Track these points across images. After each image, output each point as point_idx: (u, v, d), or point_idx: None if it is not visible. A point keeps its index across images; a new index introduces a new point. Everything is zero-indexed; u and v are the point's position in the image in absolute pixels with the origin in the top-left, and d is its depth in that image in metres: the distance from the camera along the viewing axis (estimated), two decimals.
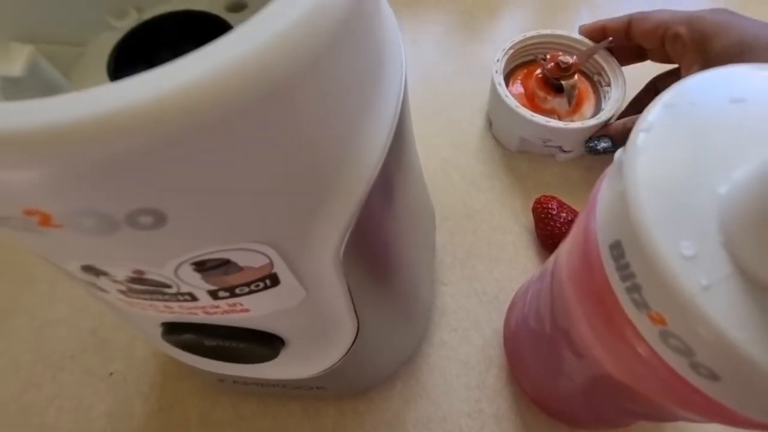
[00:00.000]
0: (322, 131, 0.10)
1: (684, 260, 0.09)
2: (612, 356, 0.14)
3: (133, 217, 0.09)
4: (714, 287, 0.09)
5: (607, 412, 0.19)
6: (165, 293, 0.12)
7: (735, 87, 0.12)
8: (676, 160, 0.11)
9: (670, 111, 0.11)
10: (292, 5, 0.08)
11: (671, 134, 0.11)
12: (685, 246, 0.09)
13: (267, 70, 0.08)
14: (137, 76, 0.07)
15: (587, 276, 0.13)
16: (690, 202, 0.10)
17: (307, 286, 0.14)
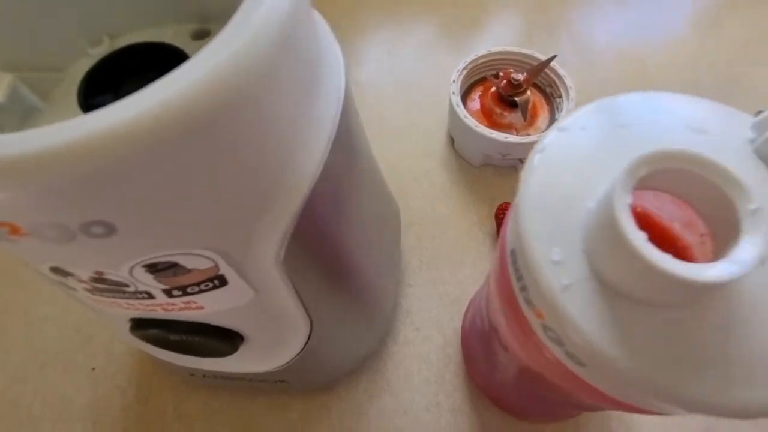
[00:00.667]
0: (257, 151, 0.12)
1: (552, 264, 0.11)
2: (522, 348, 0.15)
3: (86, 228, 0.10)
4: (573, 287, 0.11)
5: (539, 402, 0.21)
6: (125, 292, 0.14)
7: (623, 114, 0.13)
8: (560, 177, 0.12)
9: (563, 134, 0.13)
10: (226, 45, 0.10)
11: (561, 155, 0.13)
12: (555, 252, 0.11)
13: (197, 106, 0.10)
14: (86, 115, 0.09)
15: (502, 278, 0.15)
16: (564, 215, 0.12)
17: (255, 286, 0.15)
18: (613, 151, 0.13)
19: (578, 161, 0.12)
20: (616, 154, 0.12)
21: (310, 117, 0.14)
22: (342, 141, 0.16)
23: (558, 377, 0.14)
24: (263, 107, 0.11)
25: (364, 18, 0.45)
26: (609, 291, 0.11)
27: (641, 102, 0.14)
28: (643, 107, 0.14)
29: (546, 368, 0.15)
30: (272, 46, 0.11)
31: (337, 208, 0.17)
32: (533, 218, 0.12)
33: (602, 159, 0.12)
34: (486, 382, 0.25)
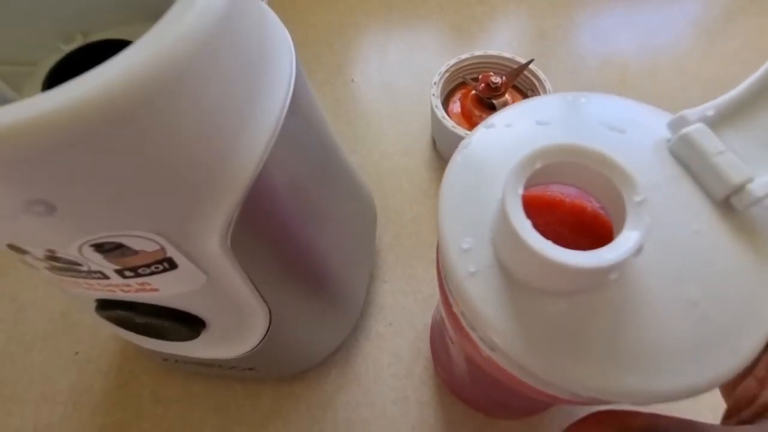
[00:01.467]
0: (190, 138, 0.13)
1: (462, 252, 0.12)
2: (457, 337, 0.16)
3: (28, 207, 0.11)
4: (478, 274, 0.11)
5: (491, 395, 0.21)
6: (80, 271, 0.15)
7: (547, 113, 0.14)
8: (478, 172, 0.13)
9: (489, 131, 0.14)
10: (150, 43, 0.11)
11: (483, 151, 0.13)
12: (466, 241, 0.12)
13: (123, 93, 0.11)
14: (21, 101, 0.10)
15: (437, 270, 0.16)
16: (478, 207, 0.12)
17: (206, 270, 0.16)
18: (529, 147, 0.13)
19: (497, 156, 0.13)
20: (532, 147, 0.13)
21: (251, 107, 0.14)
22: (292, 132, 0.17)
23: (486, 365, 0.15)
24: (196, 96, 0.12)
25: (359, 19, 0.46)
26: (509, 278, 0.11)
27: (567, 102, 0.14)
28: (569, 107, 0.14)
29: (476, 358, 0.15)
30: (205, 38, 0.12)
31: (290, 198, 0.18)
32: (450, 210, 0.12)
33: (518, 154, 0.13)
34: (448, 377, 0.26)
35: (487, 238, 0.12)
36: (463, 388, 0.25)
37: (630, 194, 0.10)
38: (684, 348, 0.10)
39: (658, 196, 0.12)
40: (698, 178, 0.12)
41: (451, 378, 0.25)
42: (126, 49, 0.11)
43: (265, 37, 0.15)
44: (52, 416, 0.27)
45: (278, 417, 0.27)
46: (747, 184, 0.11)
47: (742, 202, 0.11)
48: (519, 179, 0.10)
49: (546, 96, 0.15)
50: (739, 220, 0.11)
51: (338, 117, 0.39)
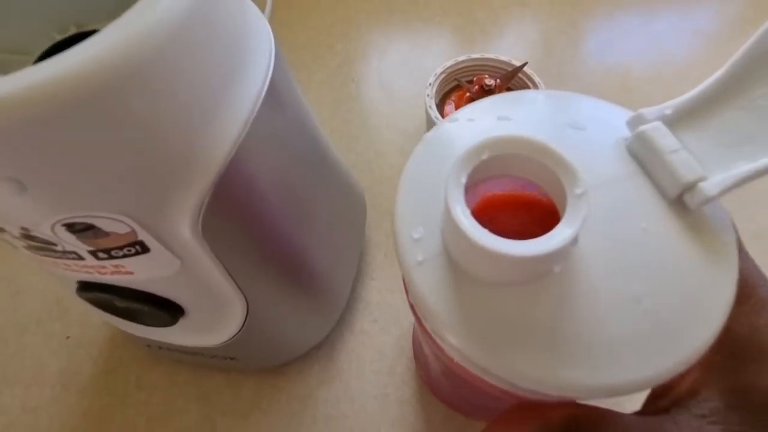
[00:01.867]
0: (160, 125, 0.13)
1: (413, 241, 0.12)
2: (418, 329, 0.16)
3: (1, 183, 0.12)
4: (426, 262, 0.11)
5: (464, 393, 0.21)
6: (56, 251, 0.15)
7: (510, 109, 0.14)
8: (434, 164, 0.13)
9: (452, 125, 0.14)
10: (119, 29, 0.12)
11: (443, 144, 0.14)
12: (416, 231, 0.12)
13: (91, 75, 0.11)
14: None
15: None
16: (431, 198, 0.12)
17: (179, 255, 0.17)
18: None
19: (453, 149, 0.13)
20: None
21: (224, 95, 0.15)
22: (269, 122, 0.17)
23: (442, 357, 0.15)
24: (166, 81, 0.13)
25: (361, 21, 0.47)
26: (455, 269, 0.11)
27: (532, 99, 0.15)
28: (533, 103, 0.14)
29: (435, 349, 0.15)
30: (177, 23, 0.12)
31: (267, 188, 0.18)
32: (405, 200, 0.13)
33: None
34: (427, 378, 0.26)
35: (437, 229, 0.12)
36: (440, 388, 0.25)
37: (571, 186, 0.10)
38: (625, 343, 0.10)
39: (611, 192, 0.12)
40: (653, 176, 0.12)
41: (429, 378, 0.26)
42: (98, 33, 0.12)
43: (242, 27, 0.16)
44: (41, 398, 0.28)
45: (259, 408, 0.27)
46: (699, 182, 0.11)
47: (694, 200, 0.11)
48: (463, 169, 0.10)
49: (514, 93, 0.15)
50: (692, 219, 0.11)
51: (335, 116, 0.40)
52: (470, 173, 0.11)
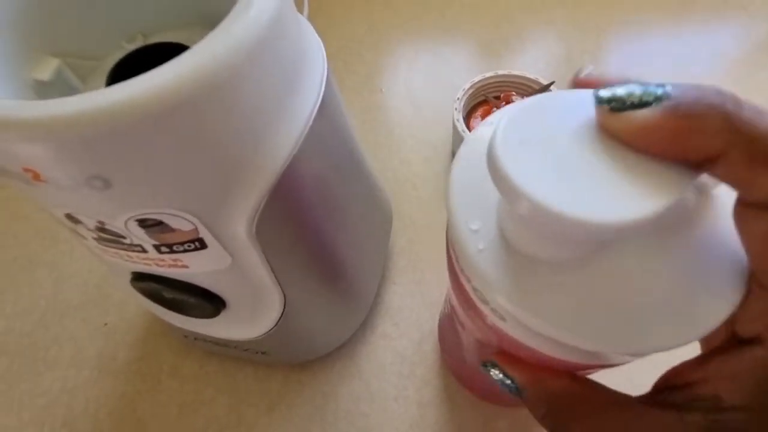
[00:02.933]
0: (230, 135, 0.15)
1: (471, 232, 0.13)
2: (468, 318, 0.17)
3: (90, 181, 0.13)
4: (486, 250, 0.13)
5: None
6: (123, 243, 0.17)
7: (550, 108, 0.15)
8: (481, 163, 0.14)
9: (489, 128, 0.15)
10: (204, 49, 0.13)
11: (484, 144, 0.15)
12: (474, 223, 0.13)
13: (172, 95, 0.12)
14: (90, 92, 0.12)
15: (448, 255, 0.17)
16: (484, 193, 0.13)
17: (231, 252, 0.18)
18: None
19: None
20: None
21: (286, 107, 0.16)
22: (319, 134, 0.18)
23: (494, 339, 0.16)
24: (239, 95, 0.14)
25: (391, 33, 0.48)
26: (513, 252, 0.13)
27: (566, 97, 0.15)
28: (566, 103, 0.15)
29: (485, 334, 0.16)
30: (252, 46, 0.14)
31: (311, 193, 0.20)
32: (458, 197, 0.14)
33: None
34: (457, 367, 0.27)
35: (493, 219, 0.13)
36: (472, 376, 0.25)
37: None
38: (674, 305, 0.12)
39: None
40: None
41: (460, 367, 0.26)
42: (183, 54, 0.13)
43: (301, 45, 0.17)
44: (78, 380, 0.30)
45: (284, 402, 0.29)
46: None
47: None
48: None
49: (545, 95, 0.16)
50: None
51: (364, 123, 0.41)
52: None
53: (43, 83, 0.18)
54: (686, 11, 0.48)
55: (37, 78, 0.18)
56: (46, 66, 0.18)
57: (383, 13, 0.50)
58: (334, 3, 0.51)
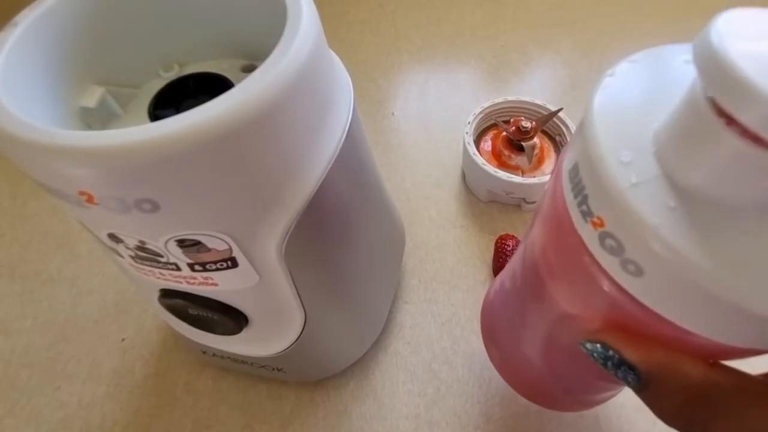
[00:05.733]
0: (269, 162, 0.16)
1: (622, 165, 0.11)
2: (563, 280, 0.16)
3: (139, 204, 0.14)
4: (642, 185, 0.11)
5: (567, 374, 0.21)
6: (159, 261, 0.18)
7: (681, 54, 0.14)
8: (630, 98, 0.13)
9: (633, 65, 0.14)
10: (250, 86, 0.14)
11: (631, 81, 0.14)
12: (624, 154, 0.12)
13: (221, 127, 0.14)
14: (147, 124, 0.13)
15: (552, 207, 0.15)
16: (633, 126, 0.12)
17: (260, 271, 0.19)
18: (680, 82, 0.12)
19: (647, 86, 0.13)
20: (682, 84, 0.12)
21: (318, 135, 0.17)
22: (345, 160, 0.19)
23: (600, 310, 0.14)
24: (279, 127, 0.15)
25: (403, 59, 0.50)
26: (682, 191, 0.11)
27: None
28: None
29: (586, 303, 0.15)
30: (289, 84, 0.15)
31: (335, 216, 0.21)
32: (601, 128, 0.12)
33: (671, 86, 0.13)
34: (509, 364, 0.25)
35: (649, 153, 0.12)
36: (528, 369, 0.23)
37: None
38: None
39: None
40: None
41: (511, 360, 0.24)
42: (227, 92, 0.14)
43: (332, 78, 0.19)
44: (95, 395, 0.30)
45: (297, 420, 0.29)
46: None
47: None
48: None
49: (677, 45, 0.15)
50: None
51: (376, 146, 0.43)
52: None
53: (88, 110, 0.20)
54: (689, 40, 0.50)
55: (84, 105, 0.19)
56: (92, 94, 0.19)
57: (396, 41, 0.52)
58: (347, 30, 0.53)
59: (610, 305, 0.13)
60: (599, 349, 0.13)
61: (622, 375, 0.12)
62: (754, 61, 0.09)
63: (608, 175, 0.11)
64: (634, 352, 0.12)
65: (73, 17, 0.18)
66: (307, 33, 0.16)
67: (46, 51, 0.18)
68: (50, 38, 0.18)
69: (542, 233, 0.17)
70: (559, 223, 0.14)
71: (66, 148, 0.13)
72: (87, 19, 0.19)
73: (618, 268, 0.12)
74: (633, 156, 0.12)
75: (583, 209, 0.13)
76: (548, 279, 0.17)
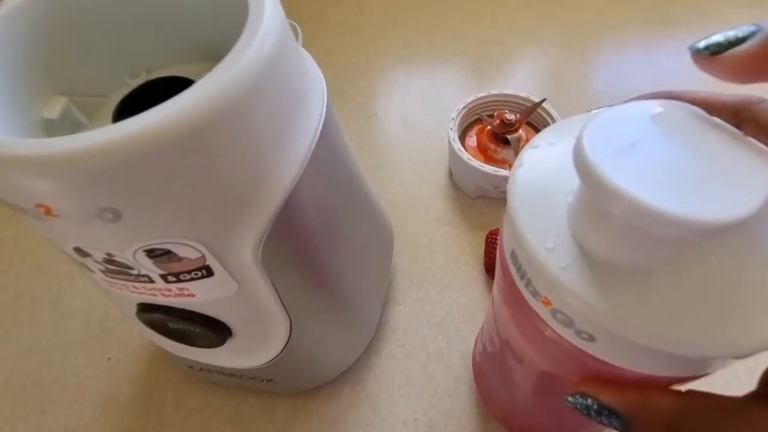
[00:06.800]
0: (235, 163, 0.15)
1: (548, 251, 0.13)
2: (534, 348, 0.17)
3: (100, 213, 0.14)
4: (569, 267, 0.13)
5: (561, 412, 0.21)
6: (130, 274, 0.17)
7: (579, 128, 0.15)
8: (538, 184, 0.14)
9: (535, 150, 0.15)
10: (212, 81, 0.13)
11: (536, 167, 0.15)
12: (548, 241, 0.13)
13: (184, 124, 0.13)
14: (96, 129, 0.13)
15: (505, 285, 0.17)
16: (549, 212, 0.14)
17: (238, 279, 0.18)
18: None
19: (551, 170, 0.15)
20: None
21: (288, 135, 0.17)
22: (321, 160, 0.19)
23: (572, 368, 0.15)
24: (238, 133, 0.14)
25: (384, 60, 0.50)
26: (599, 265, 0.13)
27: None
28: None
29: (560, 363, 0.16)
30: (254, 79, 0.14)
31: (315, 218, 0.20)
32: (524, 219, 0.14)
33: (568, 166, 0.14)
34: (506, 412, 0.26)
35: (566, 235, 0.13)
36: (525, 418, 0.24)
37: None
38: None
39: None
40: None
41: (509, 411, 0.25)
42: (189, 87, 0.13)
43: (302, 75, 0.18)
44: (82, 418, 0.29)
45: (291, 431, 0.28)
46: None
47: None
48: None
49: (575, 117, 0.16)
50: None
51: (362, 148, 0.42)
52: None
53: (50, 121, 0.19)
54: (667, 26, 0.50)
55: (46, 117, 0.18)
56: (54, 105, 0.19)
57: (375, 42, 0.52)
58: (327, 32, 0.53)
59: (579, 363, 0.14)
60: (579, 399, 0.14)
61: (606, 420, 0.14)
62: (613, 167, 0.11)
63: (540, 262, 0.13)
64: (611, 397, 0.14)
65: (31, 23, 0.18)
66: (270, 25, 0.15)
67: (4, 59, 0.17)
68: (7, 46, 0.17)
69: (504, 309, 0.18)
70: (516, 300, 0.16)
71: (17, 157, 0.12)
72: (46, 25, 0.18)
73: (575, 336, 0.14)
74: (556, 242, 0.13)
75: (531, 290, 0.14)
76: (521, 346, 0.18)
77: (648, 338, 0.12)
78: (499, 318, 0.20)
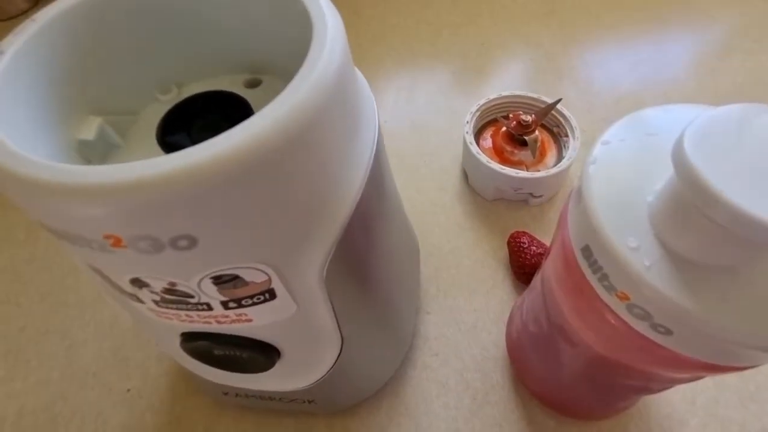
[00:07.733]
0: (308, 185, 0.14)
1: (631, 250, 0.13)
2: (597, 335, 0.17)
3: (175, 241, 0.13)
4: (653, 266, 0.13)
5: (606, 390, 0.22)
6: (188, 303, 0.16)
7: (648, 125, 0.16)
8: (616, 182, 0.14)
9: (606, 147, 0.15)
10: (281, 105, 0.13)
11: (609, 163, 0.15)
12: (630, 240, 0.13)
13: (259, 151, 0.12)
14: (176, 153, 0.12)
15: (568, 276, 0.17)
16: (629, 210, 0.14)
17: (298, 300, 0.17)
18: (651, 155, 0.15)
19: (626, 167, 0.15)
20: (654, 157, 0.14)
21: (350, 158, 0.16)
22: (374, 178, 0.18)
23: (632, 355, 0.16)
24: (313, 151, 0.14)
25: (385, 66, 0.49)
26: (684, 263, 0.13)
27: (659, 115, 0.16)
28: (663, 118, 0.16)
29: (620, 349, 0.16)
30: (322, 102, 0.13)
31: (368, 235, 0.19)
32: (603, 216, 0.14)
33: (645, 162, 0.15)
34: (542, 387, 0.26)
35: (651, 235, 0.13)
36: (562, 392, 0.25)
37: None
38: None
39: None
40: None
41: (546, 387, 0.26)
42: (266, 108, 0.13)
43: (359, 96, 0.17)
44: None
45: None
46: None
47: None
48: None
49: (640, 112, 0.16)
50: None
51: None
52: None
53: (85, 143, 0.18)
54: (662, 23, 0.52)
55: (83, 138, 0.17)
56: (89, 125, 0.17)
57: (375, 47, 0.51)
58: None
59: (646, 351, 0.15)
60: None
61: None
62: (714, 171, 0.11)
63: (624, 261, 0.13)
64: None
65: (61, 41, 0.16)
66: (336, 38, 0.15)
67: (37, 80, 0.16)
68: (40, 65, 0.16)
69: (563, 298, 0.18)
70: (582, 292, 0.16)
71: (89, 186, 0.11)
72: (77, 43, 0.17)
73: (648, 329, 0.14)
74: (639, 241, 0.13)
75: (605, 284, 0.14)
76: (579, 332, 0.18)
77: (733, 334, 0.12)
78: (551, 304, 0.20)
